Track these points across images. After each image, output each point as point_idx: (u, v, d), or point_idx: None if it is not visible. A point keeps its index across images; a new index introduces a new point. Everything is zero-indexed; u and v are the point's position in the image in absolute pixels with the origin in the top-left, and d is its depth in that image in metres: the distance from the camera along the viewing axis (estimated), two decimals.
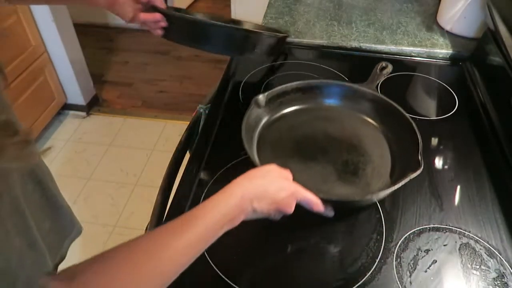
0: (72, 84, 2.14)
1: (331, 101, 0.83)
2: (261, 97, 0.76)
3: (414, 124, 0.71)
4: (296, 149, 0.75)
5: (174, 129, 2.18)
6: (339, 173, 0.70)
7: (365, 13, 1.19)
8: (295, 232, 0.62)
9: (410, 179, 0.60)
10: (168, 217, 0.67)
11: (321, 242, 0.62)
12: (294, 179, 0.56)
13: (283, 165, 0.58)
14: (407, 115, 0.74)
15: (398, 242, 0.62)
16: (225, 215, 0.47)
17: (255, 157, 0.68)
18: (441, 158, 0.77)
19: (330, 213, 0.59)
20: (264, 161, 0.64)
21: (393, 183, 0.61)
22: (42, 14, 1.85)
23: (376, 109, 0.79)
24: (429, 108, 0.91)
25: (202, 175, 0.72)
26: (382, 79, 0.86)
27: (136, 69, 2.70)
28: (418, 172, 0.61)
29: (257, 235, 0.62)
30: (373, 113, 0.80)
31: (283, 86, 0.80)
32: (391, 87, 0.91)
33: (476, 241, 0.62)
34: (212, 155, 0.76)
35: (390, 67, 0.87)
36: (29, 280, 0.39)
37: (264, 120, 0.78)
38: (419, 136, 0.68)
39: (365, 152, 0.74)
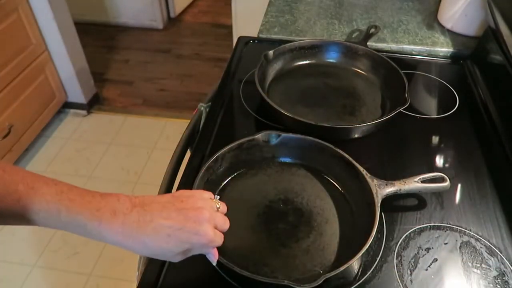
0: (72, 82, 2.14)
1: (329, 57, 0.97)
2: (270, 53, 0.87)
3: (399, 70, 0.84)
4: (301, 97, 0.88)
5: (175, 128, 2.18)
6: (339, 114, 0.84)
7: (365, 12, 1.19)
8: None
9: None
10: None
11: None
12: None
13: (291, 109, 0.75)
14: (393, 63, 0.86)
15: (398, 241, 0.62)
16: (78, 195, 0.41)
17: (268, 100, 0.78)
18: (442, 157, 0.77)
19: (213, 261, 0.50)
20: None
21: (385, 116, 0.76)
22: (42, 12, 1.85)
23: (367, 62, 0.93)
24: (429, 106, 0.91)
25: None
26: (372, 37, 1.02)
27: (136, 68, 2.70)
28: (406, 105, 0.75)
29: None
30: (365, 66, 0.94)
31: (288, 44, 0.93)
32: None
33: (477, 240, 0.62)
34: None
35: (378, 29, 1.02)
36: None
37: (273, 73, 0.91)
38: (405, 79, 0.81)
39: (360, 97, 0.88)
